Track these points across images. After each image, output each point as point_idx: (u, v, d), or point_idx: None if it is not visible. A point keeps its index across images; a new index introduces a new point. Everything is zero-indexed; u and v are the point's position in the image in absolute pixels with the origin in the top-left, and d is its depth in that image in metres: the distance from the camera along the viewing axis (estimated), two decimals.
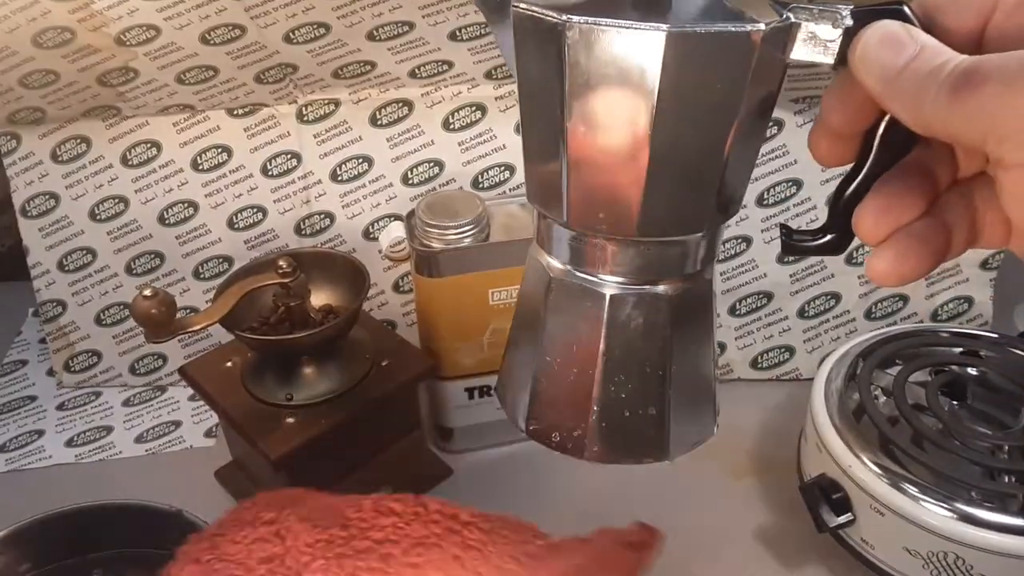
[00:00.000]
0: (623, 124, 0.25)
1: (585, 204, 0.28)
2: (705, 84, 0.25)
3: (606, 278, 0.29)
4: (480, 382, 0.59)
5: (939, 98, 0.21)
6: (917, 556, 0.46)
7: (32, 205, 0.66)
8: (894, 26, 0.24)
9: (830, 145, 0.27)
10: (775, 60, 0.25)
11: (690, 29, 0.24)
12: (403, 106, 0.63)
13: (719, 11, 0.25)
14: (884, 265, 0.25)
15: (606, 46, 0.24)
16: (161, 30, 0.55)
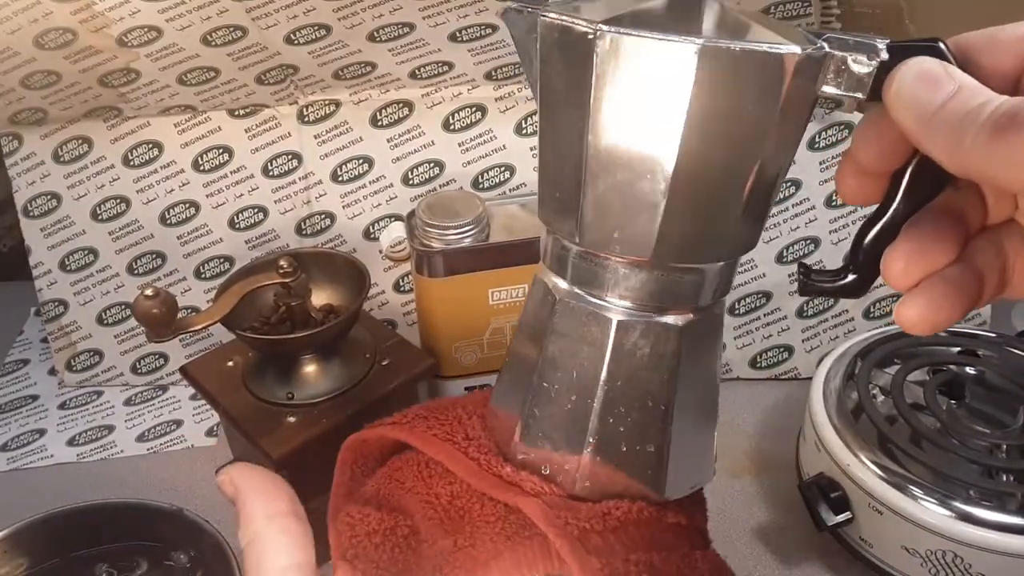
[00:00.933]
0: (649, 139, 0.24)
1: (600, 222, 0.26)
2: (736, 104, 0.24)
3: (615, 302, 0.27)
4: (480, 381, 0.60)
5: (978, 139, 0.21)
6: (916, 555, 0.46)
7: (34, 205, 0.66)
8: (932, 63, 0.23)
9: (858, 183, 0.26)
10: (806, 90, 0.25)
11: (725, 45, 0.23)
12: (403, 107, 0.63)
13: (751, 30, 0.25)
14: (916, 312, 0.24)
15: (637, 57, 0.23)
16: (163, 31, 0.55)
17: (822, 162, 0.63)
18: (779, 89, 0.24)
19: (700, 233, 0.26)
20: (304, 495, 0.55)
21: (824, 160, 0.63)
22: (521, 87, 0.62)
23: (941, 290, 0.24)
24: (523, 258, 0.55)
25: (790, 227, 0.65)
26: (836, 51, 0.24)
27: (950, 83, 0.22)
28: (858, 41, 0.24)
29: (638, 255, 0.26)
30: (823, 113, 0.62)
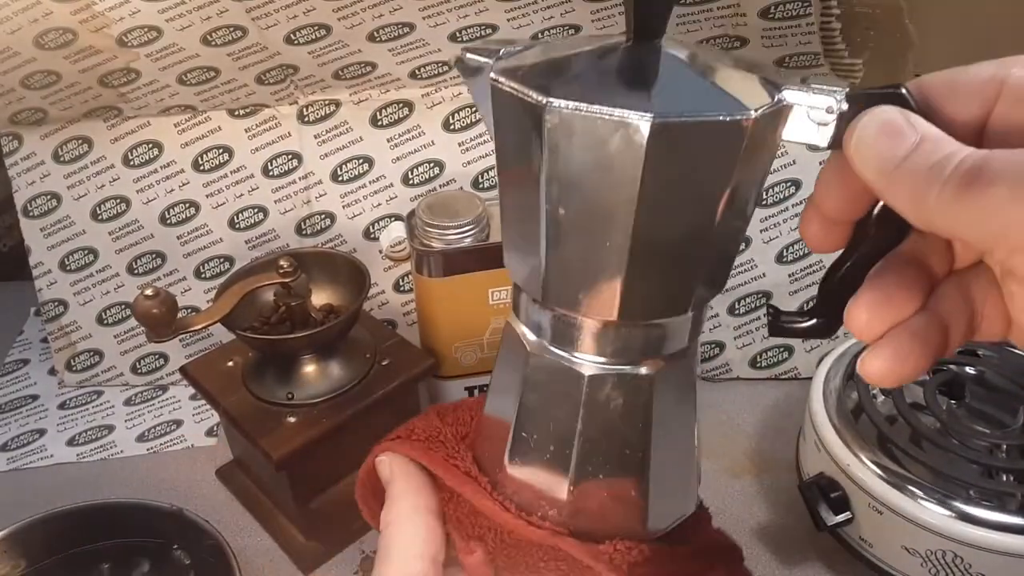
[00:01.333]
0: (604, 210, 0.24)
1: (564, 284, 0.26)
2: (691, 172, 0.24)
3: (584, 357, 0.27)
4: (480, 381, 0.60)
5: (943, 195, 0.20)
6: (916, 554, 0.46)
7: (34, 205, 0.66)
8: (892, 113, 0.22)
9: (822, 230, 0.26)
10: (766, 141, 0.24)
11: (676, 119, 0.22)
12: (403, 107, 0.63)
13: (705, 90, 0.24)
14: (880, 365, 0.24)
15: (587, 131, 0.23)
16: (163, 31, 0.55)
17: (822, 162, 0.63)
18: (735, 151, 0.23)
19: (664, 292, 0.26)
20: (304, 495, 0.55)
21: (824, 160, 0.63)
22: None
23: (906, 343, 0.24)
24: None
25: (790, 227, 0.65)
26: (795, 102, 0.24)
27: (912, 134, 0.21)
28: (817, 89, 0.24)
29: (604, 316, 0.26)
30: None
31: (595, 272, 0.26)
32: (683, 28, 0.55)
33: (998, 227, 0.19)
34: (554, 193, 0.24)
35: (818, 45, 0.52)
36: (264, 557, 0.55)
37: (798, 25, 0.51)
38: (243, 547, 0.54)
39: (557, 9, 0.55)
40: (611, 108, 0.22)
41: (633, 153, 0.22)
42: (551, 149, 0.23)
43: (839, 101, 0.23)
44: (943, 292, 0.25)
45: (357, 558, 0.54)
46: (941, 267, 0.25)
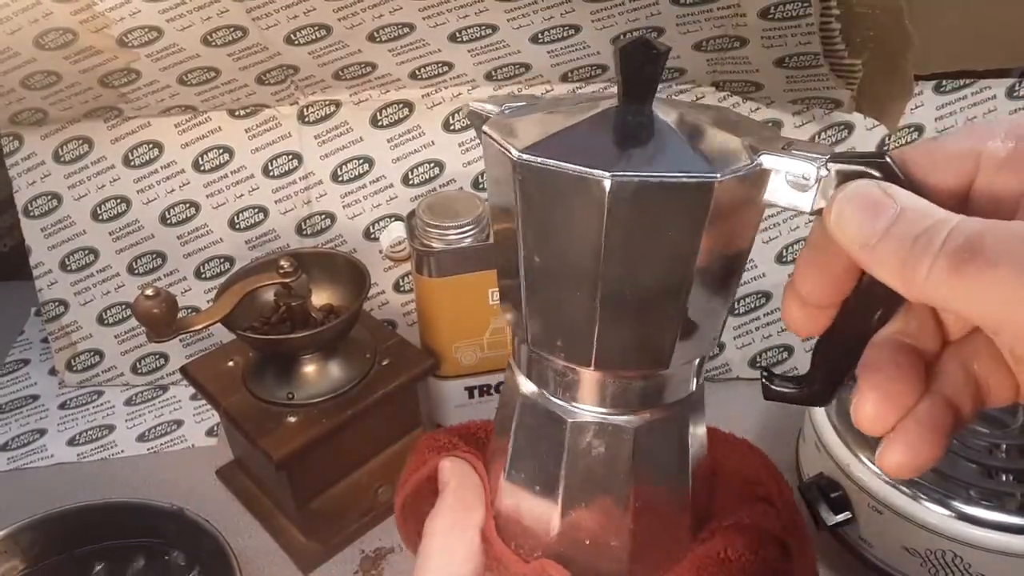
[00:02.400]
0: (574, 261, 0.25)
1: (543, 329, 0.27)
2: (656, 230, 0.24)
3: (569, 405, 0.28)
4: (480, 381, 0.60)
5: (937, 272, 0.19)
6: (915, 554, 0.46)
7: (34, 205, 0.66)
8: (868, 186, 0.22)
9: (804, 315, 0.25)
10: (742, 205, 0.24)
11: (635, 177, 0.23)
12: (404, 107, 0.64)
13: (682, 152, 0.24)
14: (897, 459, 0.23)
15: (553, 186, 0.24)
16: (163, 31, 0.55)
17: None
18: (702, 212, 0.23)
19: (640, 344, 0.26)
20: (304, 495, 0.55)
21: None
22: (521, 87, 0.63)
23: (916, 433, 0.23)
24: None
25: (790, 227, 0.65)
26: (773, 167, 0.24)
27: (891, 206, 0.21)
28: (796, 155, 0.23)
29: (580, 364, 0.27)
30: (823, 113, 0.62)
31: (570, 320, 0.26)
32: (683, 28, 0.55)
33: (1004, 312, 0.19)
34: (529, 241, 0.25)
35: (818, 45, 0.52)
36: (264, 557, 0.55)
37: (798, 25, 0.51)
38: (243, 547, 0.54)
39: (557, 9, 0.55)
40: (575, 165, 0.23)
41: (596, 208, 0.23)
42: (524, 199, 0.25)
43: (818, 168, 0.23)
44: (943, 370, 0.24)
45: (357, 558, 0.54)
46: (934, 344, 0.25)
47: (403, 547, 0.54)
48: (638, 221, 0.23)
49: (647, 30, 0.56)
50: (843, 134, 0.63)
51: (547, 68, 0.60)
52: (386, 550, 0.55)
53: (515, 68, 0.61)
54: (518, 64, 0.60)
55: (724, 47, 0.56)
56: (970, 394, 0.24)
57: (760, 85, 0.60)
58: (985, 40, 0.57)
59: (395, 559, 0.54)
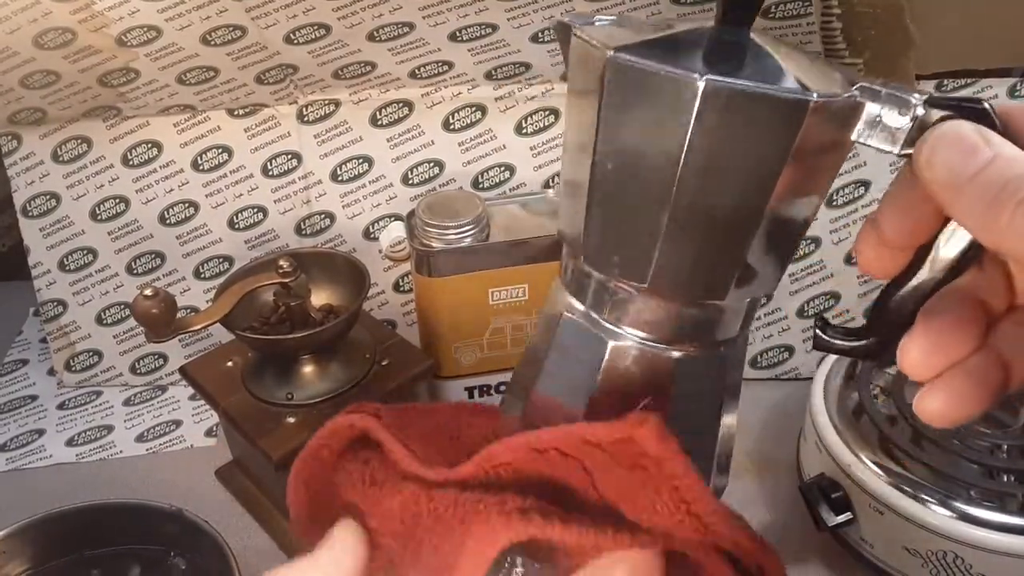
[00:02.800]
0: (647, 170, 0.24)
1: (602, 242, 0.26)
2: (742, 146, 0.23)
3: (610, 325, 0.27)
4: (480, 381, 0.59)
5: (1018, 217, 0.19)
6: (916, 555, 0.46)
7: (33, 205, 0.66)
8: (966, 127, 0.21)
9: (878, 254, 0.25)
10: (833, 137, 0.23)
11: (731, 83, 0.22)
12: (403, 106, 0.63)
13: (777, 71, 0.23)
14: (936, 407, 0.23)
15: (641, 87, 0.23)
16: (162, 31, 0.55)
17: None
18: (791, 135, 0.22)
19: (699, 270, 0.26)
20: None
21: None
22: (521, 87, 0.62)
23: (962, 384, 0.23)
24: (523, 258, 0.55)
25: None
26: (868, 100, 0.23)
27: (986, 150, 0.20)
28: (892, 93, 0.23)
29: (635, 281, 0.26)
30: None
31: (633, 234, 0.25)
32: None
33: None
34: (603, 146, 0.24)
35: (819, 45, 0.52)
36: (263, 558, 0.54)
37: (799, 25, 0.51)
38: (243, 547, 0.54)
39: (557, 8, 0.55)
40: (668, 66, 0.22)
41: (683, 114, 0.22)
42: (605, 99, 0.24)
43: (915, 105, 0.22)
44: (1004, 330, 0.24)
45: None
46: (1000, 303, 0.24)
47: None
48: (725, 133, 0.22)
49: None
50: None
51: (547, 67, 0.60)
52: None
53: (515, 67, 0.61)
54: (518, 63, 0.60)
55: None
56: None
57: None
58: (986, 39, 0.57)
59: None
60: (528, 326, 0.57)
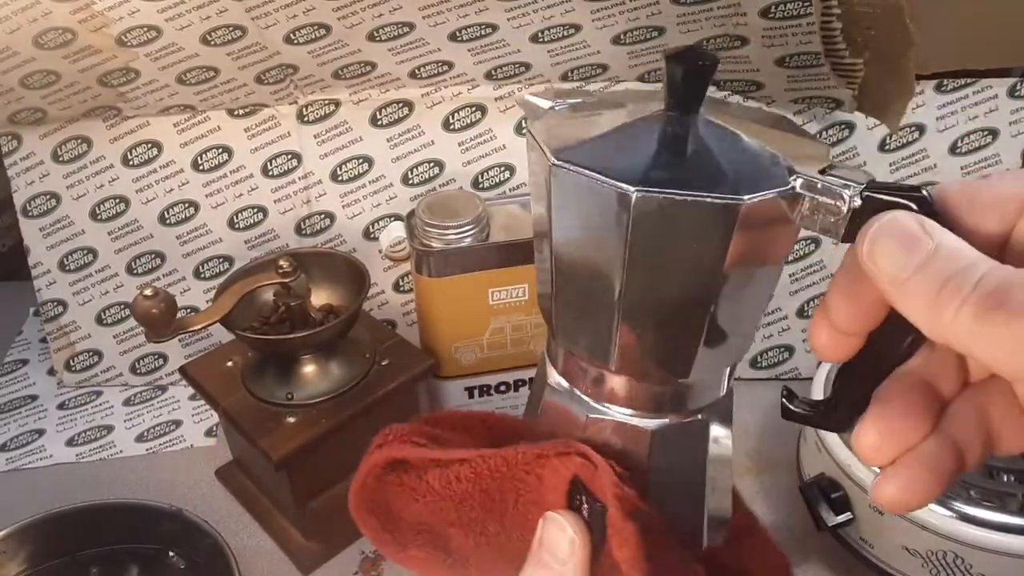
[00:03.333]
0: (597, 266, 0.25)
1: (568, 326, 0.27)
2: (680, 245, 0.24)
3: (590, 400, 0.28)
4: (480, 381, 0.59)
5: (962, 315, 0.19)
6: (916, 555, 0.46)
7: (33, 205, 0.66)
8: (906, 218, 0.21)
9: (832, 340, 0.25)
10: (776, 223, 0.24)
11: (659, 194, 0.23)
12: (403, 106, 0.63)
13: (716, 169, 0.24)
14: (892, 493, 0.23)
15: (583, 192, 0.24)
16: (162, 31, 0.55)
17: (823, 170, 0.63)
18: (726, 232, 0.23)
19: (659, 353, 0.26)
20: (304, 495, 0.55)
21: None
22: (521, 87, 0.62)
23: (917, 470, 0.23)
24: (523, 258, 0.55)
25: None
26: (805, 192, 0.23)
27: (927, 241, 0.20)
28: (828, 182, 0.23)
29: (601, 363, 0.27)
30: (824, 112, 0.62)
31: (593, 321, 0.26)
32: (684, 27, 0.55)
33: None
34: (558, 240, 0.26)
35: (818, 45, 0.52)
36: (264, 557, 0.54)
37: (798, 25, 0.51)
38: (243, 547, 0.54)
39: (557, 8, 0.55)
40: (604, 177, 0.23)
41: (622, 219, 0.23)
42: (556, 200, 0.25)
43: (851, 198, 0.23)
44: (956, 411, 0.24)
45: (357, 558, 0.54)
46: (952, 386, 0.24)
47: None
48: (662, 235, 0.23)
49: (648, 29, 0.56)
50: (844, 133, 0.63)
51: (547, 67, 0.60)
52: None
53: (515, 67, 0.61)
54: (518, 63, 0.60)
55: (725, 46, 0.56)
56: (980, 440, 0.23)
57: (761, 84, 0.60)
58: (986, 39, 0.57)
59: None
60: (528, 326, 0.57)
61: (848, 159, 0.63)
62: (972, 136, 0.63)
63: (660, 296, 0.25)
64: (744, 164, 0.24)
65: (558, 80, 0.62)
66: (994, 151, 0.63)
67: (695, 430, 0.29)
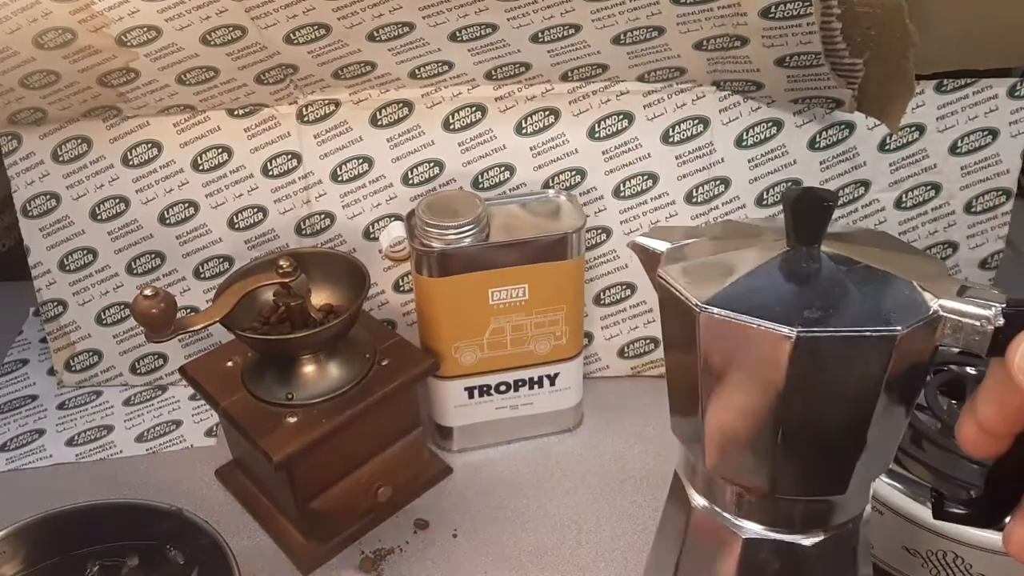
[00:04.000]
0: (754, 402, 0.26)
1: (722, 457, 0.28)
2: (839, 376, 0.25)
3: (743, 522, 0.29)
4: (480, 381, 0.59)
5: None
6: (916, 555, 0.46)
7: (33, 205, 0.66)
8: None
9: (980, 440, 0.26)
10: (919, 348, 0.25)
11: (821, 332, 0.24)
12: (403, 106, 0.63)
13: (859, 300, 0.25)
14: None
15: (737, 335, 0.25)
16: (162, 31, 0.55)
17: (823, 162, 0.63)
18: (886, 361, 0.24)
19: (819, 473, 0.27)
20: (304, 495, 0.55)
21: (824, 160, 0.63)
22: (521, 87, 0.62)
23: None
24: (523, 258, 0.55)
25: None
26: (949, 315, 0.25)
27: None
28: (973, 303, 0.24)
29: (757, 489, 0.28)
30: (824, 112, 0.62)
31: (749, 452, 0.27)
32: (683, 27, 0.55)
33: None
34: (710, 382, 0.27)
35: (818, 45, 0.52)
36: (263, 558, 0.54)
37: (799, 25, 0.51)
38: (242, 548, 0.54)
39: (557, 8, 0.55)
40: (761, 320, 0.25)
41: (781, 359, 0.25)
42: (707, 346, 0.26)
43: (995, 317, 0.24)
44: None
45: (357, 558, 0.54)
46: None
47: (403, 548, 0.54)
48: (821, 370, 0.25)
49: (648, 29, 0.56)
50: (844, 134, 0.63)
51: (547, 67, 0.60)
52: (386, 550, 0.54)
53: (515, 67, 0.61)
54: (518, 63, 0.60)
55: (725, 46, 0.56)
56: None
57: (761, 84, 0.60)
58: (986, 39, 0.57)
59: (395, 559, 0.54)
60: (528, 326, 0.57)
61: (848, 159, 0.63)
62: (972, 136, 0.63)
63: (819, 422, 0.26)
64: (884, 294, 0.26)
65: (558, 80, 0.62)
66: (994, 151, 0.63)
67: (846, 539, 0.30)
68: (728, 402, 0.27)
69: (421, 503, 0.58)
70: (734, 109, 0.62)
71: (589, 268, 0.65)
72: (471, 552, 0.54)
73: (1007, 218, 0.65)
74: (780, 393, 0.25)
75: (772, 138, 0.63)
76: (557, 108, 0.63)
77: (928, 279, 0.26)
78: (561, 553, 0.54)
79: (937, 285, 0.25)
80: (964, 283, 0.26)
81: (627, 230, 0.65)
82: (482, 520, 0.56)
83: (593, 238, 0.65)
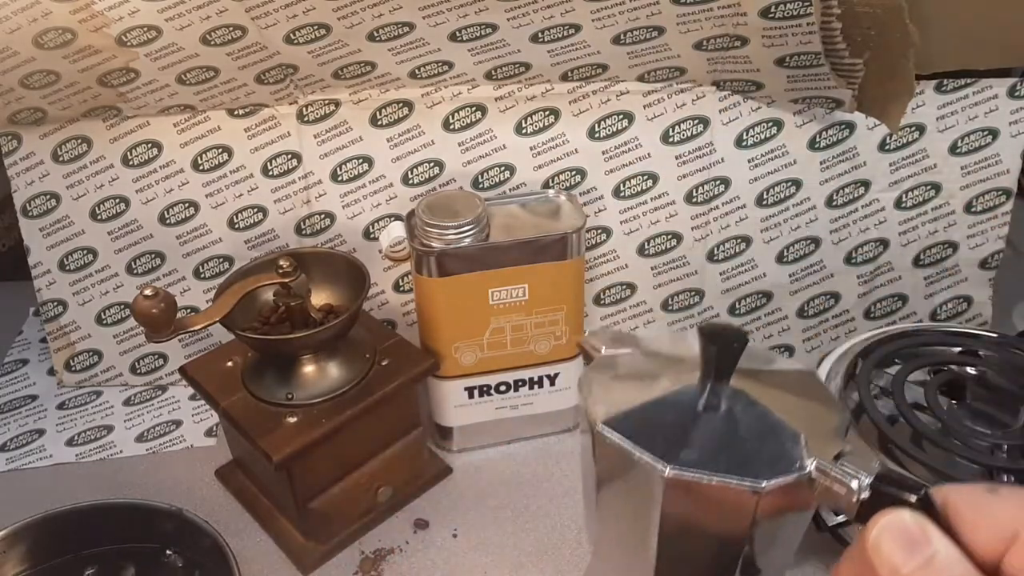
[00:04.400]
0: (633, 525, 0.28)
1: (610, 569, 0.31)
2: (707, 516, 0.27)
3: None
4: (480, 381, 0.59)
5: None
6: None
7: (33, 205, 0.66)
8: (910, 520, 0.22)
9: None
10: (794, 500, 0.27)
11: (689, 474, 0.26)
12: (403, 106, 0.63)
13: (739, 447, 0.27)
14: None
15: (622, 459, 0.27)
16: (162, 31, 0.55)
17: (823, 162, 0.63)
18: (748, 510, 0.27)
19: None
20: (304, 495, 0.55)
21: (824, 160, 0.63)
22: (521, 87, 0.62)
23: None
24: (523, 258, 0.55)
25: (790, 227, 0.65)
26: (818, 478, 0.27)
27: (926, 547, 0.22)
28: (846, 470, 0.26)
29: None
30: (824, 112, 0.62)
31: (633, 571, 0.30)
32: (683, 27, 0.55)
33: None
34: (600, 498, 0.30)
35: (818, 45, 0.52)
36: (263, 558, 0.54)
37: (798, 25, 0.51)
38: (242, 547, 0.54)
39: (557, 8, 0.55)
40: (640, 451, 0.27)
41: (655, 491, 0.27)
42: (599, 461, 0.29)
43: (860, 489, 0.26)
44: None
45: (357, 558, 0.54)
46: None
47: (403, 548, 0.54)
48: (692, 506, 0.27)
49: (648, 29, 0.56)
50: (844, 133, 0.63)
51: (547, 67, 0.60)
52: (386, 551, 0.54)
53: (515, 67, 0.61)
54: (518, 63, 0.60)
55: (725, 46, 0.56)
56: None
57: (761, 84, 0.60)
58: (986, 39, 0.57)
59: (395, 559, 0.54)
60: (528, 326, 0.57)
61: (848, 159, 0.63)
62: (972, 136, 0.63)
63: (692, 554, 0.29)
64: (767, 443, 0.28)
65: (558, 80, 0.62)
66: (994, 151, 0.63)
67: None
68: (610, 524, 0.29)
69: (421, 503, 0.58)
70: (734, 109, 0.62)
71: (589, 268, 0.65)
72: (471, 552, 0.54)
73: (1007, 218, 0.65)
74: (655, 521, 0.28)
75: (772, 138, 0.63)
76: (557, 108, 0.63)
77: (818, 436, 0.28)
78: (561, 553, 0.54)
79: (824, 443, 0.27)
80: (844, 448, 0.27)
81: (627, 230, 0.65)
82: (482, 520, 0.56)
83: (593, 238, 0.65)
